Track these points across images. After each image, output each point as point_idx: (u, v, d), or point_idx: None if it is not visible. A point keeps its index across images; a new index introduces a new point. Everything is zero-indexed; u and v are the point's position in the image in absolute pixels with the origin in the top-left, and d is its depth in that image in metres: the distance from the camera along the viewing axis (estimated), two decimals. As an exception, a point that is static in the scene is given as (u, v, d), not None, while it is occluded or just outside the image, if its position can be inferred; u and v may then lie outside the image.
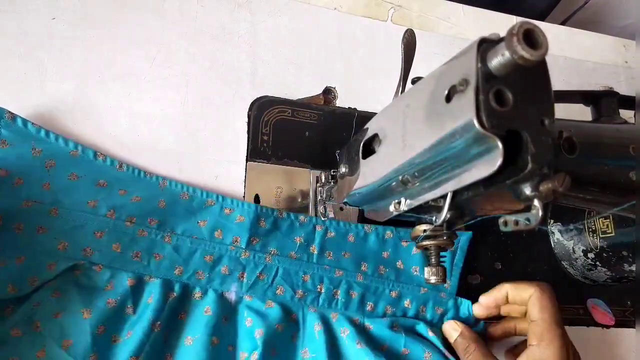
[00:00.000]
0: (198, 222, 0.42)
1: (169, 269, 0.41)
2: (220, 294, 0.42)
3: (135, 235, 0.40)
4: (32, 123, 0.38)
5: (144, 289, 0.40)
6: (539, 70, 0.25)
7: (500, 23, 0.61)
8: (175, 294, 0.40)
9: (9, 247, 0.36)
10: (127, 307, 0.39)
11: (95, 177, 0.39)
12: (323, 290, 0.44)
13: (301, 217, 0.45)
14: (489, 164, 0.24)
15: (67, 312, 0.37)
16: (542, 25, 0.60)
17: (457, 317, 0.47)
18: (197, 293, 0.41)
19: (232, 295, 0.42)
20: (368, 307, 0.45)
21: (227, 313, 0.41)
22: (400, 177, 0.31)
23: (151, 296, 0.39)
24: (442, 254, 0.36)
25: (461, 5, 0.61)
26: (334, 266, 0.45)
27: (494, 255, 0.52)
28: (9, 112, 0.37)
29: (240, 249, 0.43)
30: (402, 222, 0.37)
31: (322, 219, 0.45)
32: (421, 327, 0.45)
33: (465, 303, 0.47)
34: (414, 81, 0.34)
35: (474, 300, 0.47)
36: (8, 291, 0.36)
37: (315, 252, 0.45)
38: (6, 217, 0.37)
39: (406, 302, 0.46)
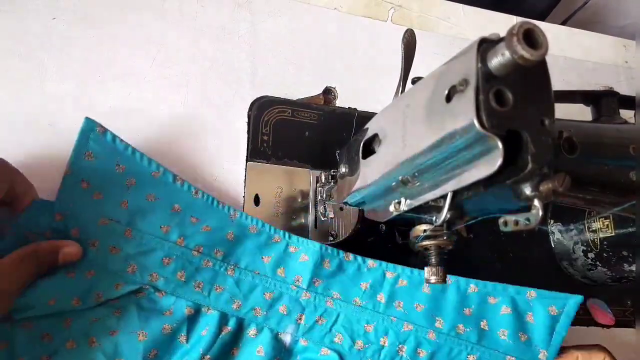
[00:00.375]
0: (262, 258, 0.41)
1: (228, 303, 0.40)
2: (275, 334, 0.40)
3: (200, 265, 0.39)
4: (121, 139, 0.38)
5: (200, 319, 0.39)
6: (539, 70, 0.25)
7: (500, 23, 0.61)
8: (229, 328, 0.39)
9: (81, 261, 0.36)
10: (181, 335, 0.38)
11: (171, 201, 0.39)
12: (387, 344, 0.41)
13: (370, 262, 0.42)
14: (489, 164, 0.24)
15: (123, 332, 0.37)
16: (542, 25, 0.60)
17: None
18: (252, 330, 0.40)
19: (287, 337, 0.41)
20: None
21: (279, 355, 0.40)
22: (400, 177, 0.31)
23: (206, 328, 0.39)
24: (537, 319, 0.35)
25: (461, 5, 0.61)
26: (403, 318, 0.41)
27: (494, 255, 0.52)
28: (101, 125, 0.37)
29: (301, 290, 0.41)
30: (487, 274, 0.38)
31: (392, 267, 0.42)
32: None
33: None
34: (414, 81, 0.34)
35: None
36: (73, 304, 0.36)
37: (383, 300, 0.42)
38: (83, 230, 0.37)
39: None
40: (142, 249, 0.38)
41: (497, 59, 0.22)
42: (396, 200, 0.33)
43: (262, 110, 0.48)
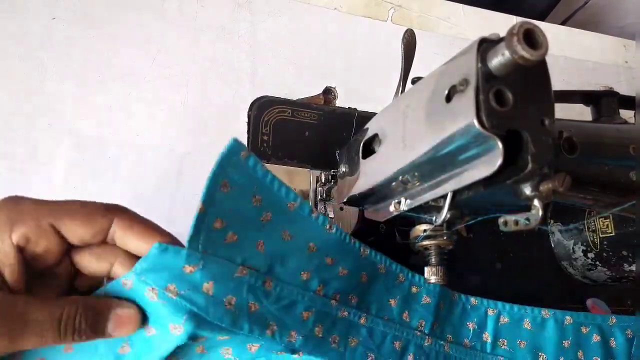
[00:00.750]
0: (389, 301, 0.37)
1: (362, 356, 0.34)
2: None
3: (337, 316, 0.34)
4: (263, 165, 0.30)
5: None
6: (539, 70, 0.25)
7: (500, 23, 0.61)
8: None
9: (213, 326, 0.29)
10: None
11: (307, 239, 0.32)
12: None
13: (472, 300, 0.40)
14: (489, 164, 0.24)
15: None
16: (542, 25, 0.60)
17: None
18: None
19: None
20: None
21: None
22: (400, 177, 0.31)
23: None
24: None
25: (461, 5, 0.61)
26: (509, 357, 0.40)
27: (494, 255, 0.52)
28: (246, 148, 0.29)
29: (424, 335, 0.38)
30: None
31: (492, 305, 0.41)
32: None
33: None
34: (414, 81, 0.34)
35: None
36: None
37: (489, 340, 0.40)
38: (218, 285, 0.28)
39: None
40: (283, 303, 0.31)
41: (497, 59, 0.22)
42: (396, 200, 0.33)
43: (262, 110, 0.48)
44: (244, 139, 0.47)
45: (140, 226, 0.27)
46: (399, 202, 0.32)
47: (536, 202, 0.25)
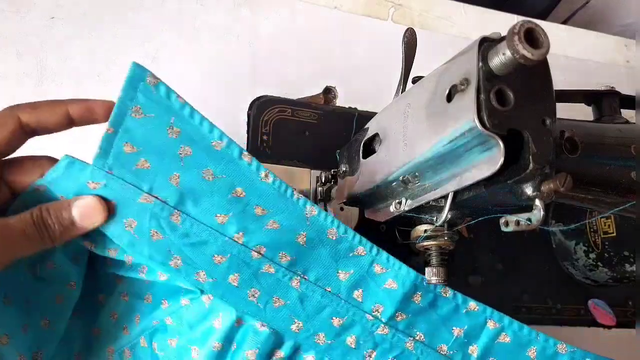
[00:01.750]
0: (338, 272, 0.33)
1: (286, 321, 0.33)
2: None
3: (259, 270, 0.32)
4: (178, 95, 0.31)
5: (249, 336, 0.33)
6: (540, 69, 0.25)
7: (501, 22, 0.61)
8: (282, 354, 0.33)
9: (117, 243, 0.31)
10: (226, 352, 0.33)
11: (233, 182, 0.31)
12: None
13: (472, 304, 0.35)
14: (490, 164, 0.24)
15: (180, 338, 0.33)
16: (543, 24, 0.60)
17: None
18: (309, 357, 0.34)
19: None
20: None
21: None
22: (401, 177, 0.31)
23: (255, 349, 0.32)
24: None
25: (462, 4, 0.61)
26: None
27: (494, 255, 0.52)
28: (153, 75, 0.30)
29: (378, 322, 0.34)
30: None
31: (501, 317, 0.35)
32: None
33: None
34: (414, 80, 0.34)
35: (483, 302, 0.46)
36: (99, 300, 0.34)
37: (475, 354, 0.34)
38: (120, 205, 0.30)
39: None
40: (191, 240, 0.31)
41: (498, 58, 0.22)
42: (397, 201, 0.33)
43: (262, 110, 0.48)
44: (244, 139, 0.47)
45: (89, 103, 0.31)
46: (400, 203, 0.32)
47: (537, 202, 0.25)
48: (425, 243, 0.34)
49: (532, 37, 0.21)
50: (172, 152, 0.30)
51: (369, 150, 0.35)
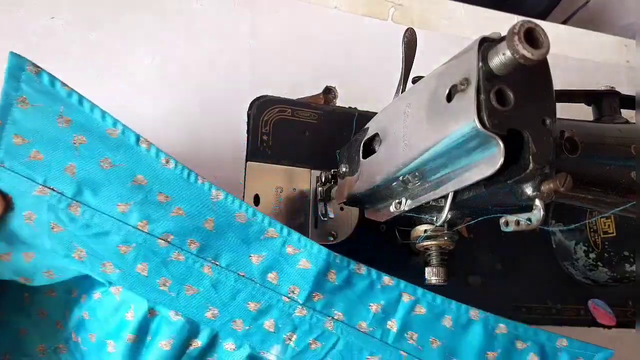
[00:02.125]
0: (250, 256, 0.33)
1: (201, 309, 0.32)
2: (256, 355, 0.34)
3: (168, 258, 0.31)
4: (63, 83, 0.30)
5: (161, 327, 0.32)
6: (540, 69, 0.25)
7: (501, 22, 0.61)
8: (200, 343, 0.33)
9: (15, 242, 0.30)
10: (141, 344, 0.32)
11: (133, 170, 0.30)
12: None
13: (385, 278, 0.35)
14: (490, 164, 0.24)
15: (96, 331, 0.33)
16: (543, 24, 0.60)
17: None
18: (229, 344, 0.33)
19: (271, 358, 0.34)
20: None
21: None
22: (401, 177, 0.31)
23: (169, 339, 0.32)
24: None
25: (462, 4, 0.61)
26: (415, 355, 0.34)
27: (494, 255, 0.52)
28: (33, 64, 0.29)
29: (295, 303, 0.33)
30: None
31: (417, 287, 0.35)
32: None
33: None
34: (414, 80, 0.34)
35: (474, 301, 0.46)
36: (24, 299, 0.34)
37: (394, 329, 0.34)
38: (17, 200, 0.29)
39: None
40: (93, 231, 0.30)
41: (498, 58, 0.22)
42: (397, 200, 0.33)
43: (262, 110, 0.48)
44: (244, 139, 0.47)
45: None
46: (400, 202, 0.32)
47: (537, 202, 0.25)
48: (425, 243, 0.34)
49: (532, 37, 0.21)
50: (65, 142, 0.29)
51: (369, 150, 0.35)
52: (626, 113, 0.43)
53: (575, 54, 0.64)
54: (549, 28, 0.22)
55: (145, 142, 0.31)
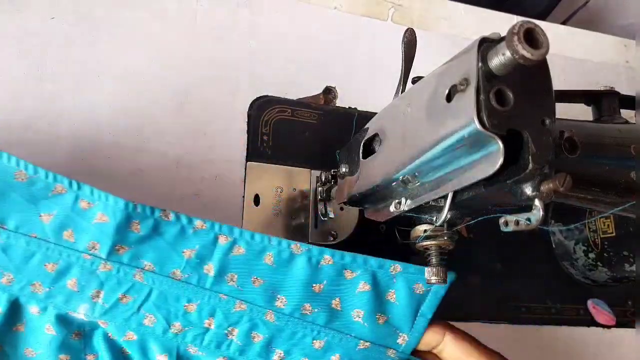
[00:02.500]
0: (40, 216, 0.31)
1: None
2: (64, 315, 0.32)
3: None
4: None
5: None
6: (540, 69, 0.25)
7: (501, 22, 0.61)
8: (1, 309, 0.31)
9: None
10: None
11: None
12: (213, 327, 0.33)
13: (198, 222, 0.33)
14: (490, 164, 0.24)
15: None
16: (543, 24, 0.60)
17: None
18: (33, 308, 0.32)
19: (80, 317, 0.33)
20: (275, 357, 0.34)
21: (77, 330, 0.33)
22: (400, 177, 0.31)
23: None
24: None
25: (462, 4, 0.61)
26: (235, 296, 0.33)
27: (494, 255, 0.52)
28: None
29: (98, 259, 0.32)
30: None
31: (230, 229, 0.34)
32: None
33: None
34: (414, 81, 0.34)
35: (474, 301, 0.46)
36: None
37: (212, 273, 0.33)
38: None
39: (334, 358, 0.34)
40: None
41: (498, 59, 0.22)
42: (397, 200, 0.33)
43: (262, 110, 0.48)
44: (244, 139, 0.47)
45: None
46: (400, 202, 0.32)
47: (537, 202, 0.25)
48: (424, 243, 0.34)
49: (532, 38, 0.21)
50: None
51: (369, 150, 0.35)
52: (626, 113, 0.43)
53: (574, 54, 0.64)
54: (549, 28, 0.22)
55: None
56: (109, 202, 0.32)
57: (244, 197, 0.45)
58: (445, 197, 0.28)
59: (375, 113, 0.36)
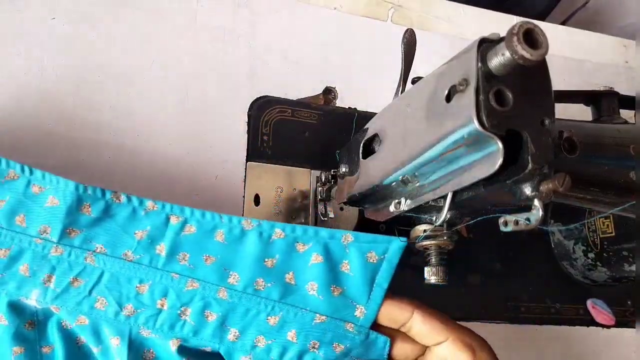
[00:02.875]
0: None
1: None
2: (16, 302, 0.32)
3: None
4: None
5: None
6: (539, 70, 0.25)
7: (501, 23, 0.61)
8: None
9: None
10: None
11: None
12: (166, 307, 0.33)
13: (149, 203, 0.34)
14: (489, 164, 0.24)
15: None
16: (542, 25, 0.60)
17: (365, 357, 0.34)
18: None
19: (32, 304, 0.32)
20: (230, 336, 0.33)
21: (31, 318, 0.33)
22: (400, 177, 0.31)
23: None
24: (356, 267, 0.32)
25: (461, 5, 0.61)
26: (187, 275, 0.33)
27: (493, 255, 0.52)
28: None
29: (49, 243, 0.32)
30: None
31: (178, 210, 0.34)
32: None
33: (381, 340, 0.33)
34: (414, 81, 0.34)
35: (474, 301, 0.46)
36: None
37: (163, 253, 0.33)
38: None
39: (290, 334, 0.33)
40: None
41: (497, 59, 0.22)
42: (396, 200, 0.33)
43: (262, 110, 0.48)
44: (244, 139, 0.47)
45: None
46: (399, 202, 0.32)
47: (536, 202, 0.25)
48: (424, 243, 0.34)
49: (531, 38, 0.21)
50: None
51: (369, 151, 0.35)
52: (625, 113, 0.43)
53: (574, 55, 0.64)
54: (548, 29, 0.22)
55: None
56: (59, 185, 0.32)
57: (244, 197, 0.45)
58: (445, 197, 0.28)
59: (375, 113, 0.36)
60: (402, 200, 0.32)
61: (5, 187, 0.32)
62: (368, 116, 0.40)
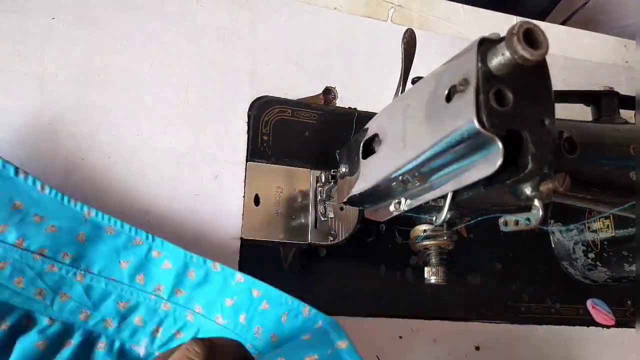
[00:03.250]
0: (120, 263, 0.37)
1: (74, 313, 0.36)
2: (127, 348, 0.37)
3: (43, 270, 0.35)
4: None
5: (38, 331, 0.35)
6: (539, 70, 0.25)
7: (501, 23, 0.61)
8: (73, 342, 0.36)
9: None
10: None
11: (12, 197, 0.35)
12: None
13: (238, 276, 0.38)
14: (489, 164, 0.24)
15: None
16: (542, 25, 0.60)
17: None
18: (101, 343, 0.37)
19: (140, 350, 0.37)
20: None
21: None
22: (400, 177, 0.31)
23: (44, 341, 0.35)
24: None
25: (461, 5, 0.61)
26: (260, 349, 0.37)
27: (493, 255, 0.52)
28: None
29: (161, 299, 0.38)
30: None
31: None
32: None
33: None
34: (414, 81, 0.34)
35: (474, 301, 0.46)
36: None
37: (244, 322, 0.38)
38: None
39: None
40: None
41: (497, 59, 0.22)
42: (396, 200, 0.33)
43: (262, 110, 0.48)
44: (244, 139, 0.47)
45: None
46: (399, 202, 0.32)
47: (536, 202, 0.25)
48: (424, 243, 0.34)
49: (531, 38, 0.21)
50: None
51: (369, 150, 0.35)
52: (625, 113, 0.43)
53: (574, 55, 0.64)
54: (548, 28, 0.22)
55: (22, 173, 0.35)
56: (172, 252, 0.37)
57: (244, 197, 0.45)
58: (444, 197, 0.28)
59: (375, 113, 0.36)
60: (402, 200, 0.32)
61: (133, 250, 0.37)
62: (368, 116, 0.40)
